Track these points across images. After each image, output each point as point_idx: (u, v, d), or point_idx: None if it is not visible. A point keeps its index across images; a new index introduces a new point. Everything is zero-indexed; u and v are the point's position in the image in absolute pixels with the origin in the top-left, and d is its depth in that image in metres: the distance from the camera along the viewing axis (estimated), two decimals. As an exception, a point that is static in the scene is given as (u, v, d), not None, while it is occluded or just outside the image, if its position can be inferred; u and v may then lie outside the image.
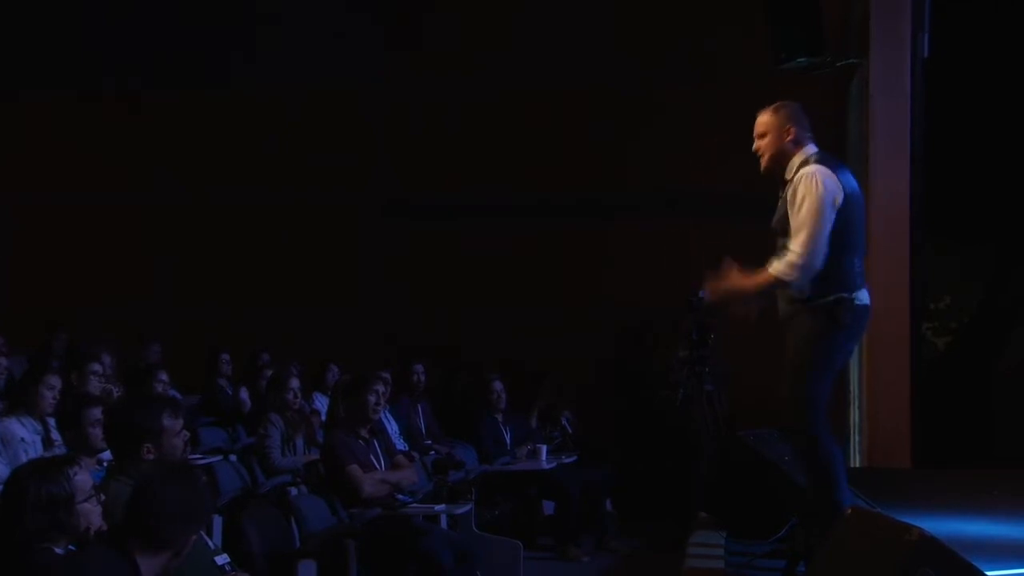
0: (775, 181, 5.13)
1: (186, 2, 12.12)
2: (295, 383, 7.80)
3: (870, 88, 8.75)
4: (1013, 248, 10.30)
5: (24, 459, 5.89)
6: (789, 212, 5.00)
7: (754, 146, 5.19)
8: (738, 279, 5.04)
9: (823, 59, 8.82)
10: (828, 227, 4.90)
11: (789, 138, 5.09)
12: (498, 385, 9.20)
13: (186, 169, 12.06)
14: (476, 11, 11.50)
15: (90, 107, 12.17)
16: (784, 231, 5.05)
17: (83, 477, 3.76)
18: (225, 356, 9.89)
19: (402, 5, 11.90)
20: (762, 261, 5.32)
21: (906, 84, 8.66)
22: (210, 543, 4.30)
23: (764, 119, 5.16)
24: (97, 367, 7.19)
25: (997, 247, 10.48)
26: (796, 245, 4.91)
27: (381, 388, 6.68)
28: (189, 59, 11.99)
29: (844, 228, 4.96)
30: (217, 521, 6.18)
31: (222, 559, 4.20)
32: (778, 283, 4.98)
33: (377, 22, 11.90)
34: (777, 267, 4.96)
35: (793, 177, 5.06)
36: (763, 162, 5.17)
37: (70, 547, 3.69)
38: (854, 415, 8.91)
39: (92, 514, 3.71)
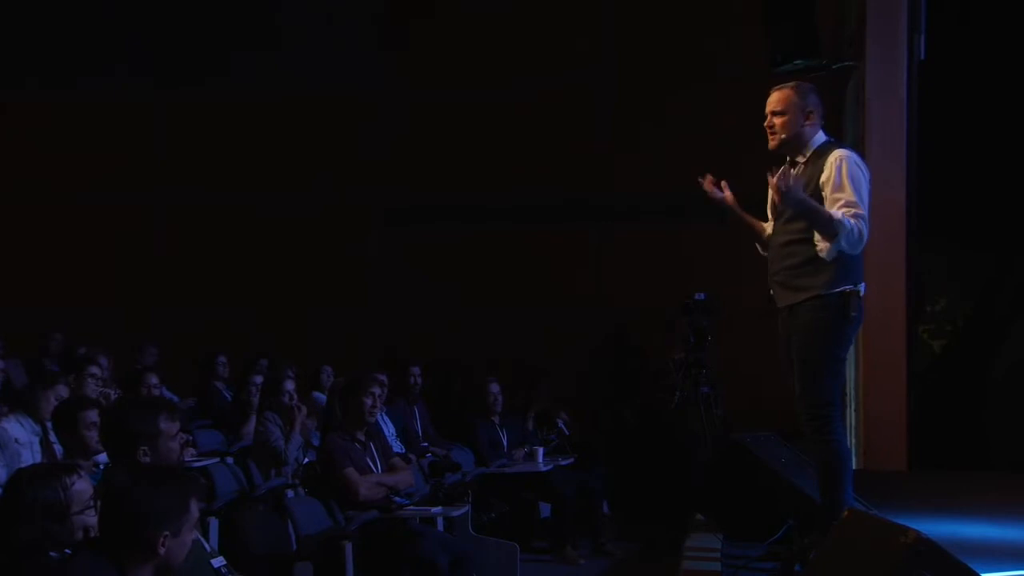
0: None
1: (186, 2, 12.13)
2: (290, 385, 7.79)
3: (866, 91, 8.76)
4: (1009, 250, 10.30)
5: (21, 461, 5.92)
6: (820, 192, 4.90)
7: (767, 122, 5.07)
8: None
9: (819, 62, 8.82)
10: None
11: (809, 121, 5.01)
12: (494, 387, 9.18)
13: (186, 169, 12.07)
14: (474, 11, 11.51)
15: (89, 107, 12.17)
16: (784, 212, 5.01)
17: (82, 486, 3.75)
18: (222, 359, 9.88)
19: (402, 5, 11.91)
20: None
21: (902, 87, 8.67)
22: (207, 545, 4.31)
23: (783, 95, 5.04)
24: (95, 370, 7.19)
25: (993, 249, 10.48)
26: (856, 217, 4.80)
27: (377, 390, 6.67)
28: (189, 59, 12.00)
29: None
30: (214, 524, 6.20)
31: (218, 562, 4.19)
32: (831, 228, 4.80)
33: (377, 22, 11.91)
34: (840, 214, 4.79)
35: (809, 158, 5.00)
36: (774, 140, 5.06)
37: (66, 552, 3.69)
38: (850, 417, 8.91)
39: (90, 523, 3.71)
